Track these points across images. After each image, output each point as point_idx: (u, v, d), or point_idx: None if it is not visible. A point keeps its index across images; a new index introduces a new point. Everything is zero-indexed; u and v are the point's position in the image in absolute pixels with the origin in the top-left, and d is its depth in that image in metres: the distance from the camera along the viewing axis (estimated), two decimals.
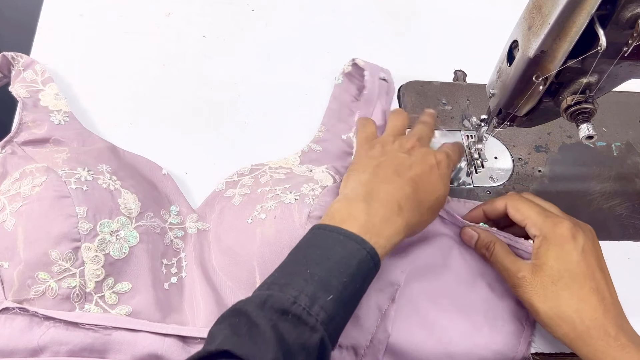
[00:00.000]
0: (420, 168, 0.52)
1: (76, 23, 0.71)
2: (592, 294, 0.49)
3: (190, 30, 0.73)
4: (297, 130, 0.67)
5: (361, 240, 0.45)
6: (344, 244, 0.45)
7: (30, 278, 0.48)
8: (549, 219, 0.52)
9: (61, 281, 0.48)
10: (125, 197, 0.53)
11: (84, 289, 0.49)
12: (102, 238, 0.50)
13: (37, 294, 0.48)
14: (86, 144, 0.59)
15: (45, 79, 0.62)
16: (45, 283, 0.48)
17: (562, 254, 0.50)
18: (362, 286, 0.45)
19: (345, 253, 0.44)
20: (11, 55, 0.63)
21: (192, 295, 0.53)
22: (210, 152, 0.64)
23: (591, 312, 0.48)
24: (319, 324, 0.41)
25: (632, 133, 0.72)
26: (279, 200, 0.53)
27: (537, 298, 0.50)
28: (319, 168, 0.59)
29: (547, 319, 0.50)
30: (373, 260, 0.45)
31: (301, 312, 0.41)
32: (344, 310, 0.43)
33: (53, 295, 0.48)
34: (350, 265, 0.44)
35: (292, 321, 0.40)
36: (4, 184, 0.54)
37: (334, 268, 0.43)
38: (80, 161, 0.54)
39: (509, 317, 0.55)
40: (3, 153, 0.57)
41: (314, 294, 0.41)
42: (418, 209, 0.50)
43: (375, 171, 0.51)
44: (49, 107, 0.60)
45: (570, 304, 0.49)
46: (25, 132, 0.58)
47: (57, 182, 0.50)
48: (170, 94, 0.67)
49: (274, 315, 0.40)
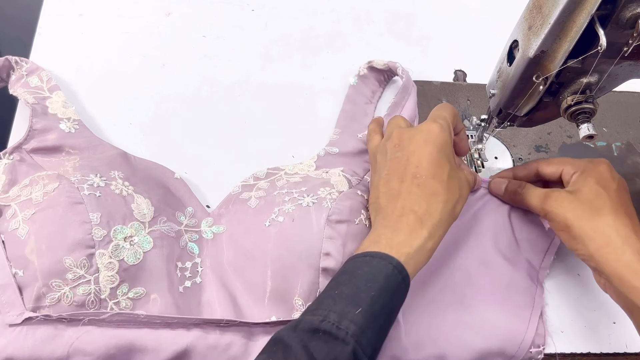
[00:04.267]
0: (416, 155, 0.50)
1: (76, 23, 0.71)
2: (626, 217, 0.51)
3: (190, 30, 0.73)
4: (297, 130, 0.67)
5: (386, 256, 0.45)
6: (369, 262, 0.45)
7: (45, 286, 0.48)
8: (588, 161, 0.55)
9: (76, 288, 0.48)
10: (138, 202, 0.53)
11: (98, 295, 0.49)
12: (116, 244, 0.50)
13: (52, 302, 0.48)
14: (97, 152, 0.59)
15: (51, 86, 0.62)
16: (60, 290, 0.48)
17: (601, 181, 0.52)
18: (392, 300, 0.44)
19: (371, 270, 0.44)
20: (15, 59, 0.62)
21: (210, 299, 0.54)
22: (210, 152, 0.64)
23: (625, 229, 0.50)
24: (349, 336, 0.41)
25: (632, 133, 0.72)
26: (297, 203, 0.53)
27: (572, 213, 0.51)
28: (334, 170, 0.59)
29: (581, 233, 0.51)
30: (401, 274, 0.45)
31: (330, 327, 0.41)
32: (375, 323, 0.43)
33: (68, 303, 0.48)
34: (378, 280, 0.44)
35: (322, 338, 0.40)
36: (12, 190, 0.53)
37: (361, 284, 0.43)
38: (92, 167, 0.54)
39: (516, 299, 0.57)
40: (11, 160, 0.56)
41: (342, 309, 0.42)
42: (436, 198, 0.49)
43: (385, 188, 0.51)
44: (58, 114, 0.60)
45: (607, 219, 0.50)
46: (34, 139, 0.58)
47: (69, 188, 0.50)
48: (170, 94, 0.67)
49: (305, 335, 0.41)
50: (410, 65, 0.69)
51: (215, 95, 0.68)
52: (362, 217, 0.53)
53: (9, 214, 0.50)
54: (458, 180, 0.52)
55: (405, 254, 0.46)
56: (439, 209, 0.49)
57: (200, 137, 0.65)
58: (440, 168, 0.50)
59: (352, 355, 0.40)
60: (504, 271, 0.58)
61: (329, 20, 0.76)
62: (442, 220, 0.49)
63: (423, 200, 0.48)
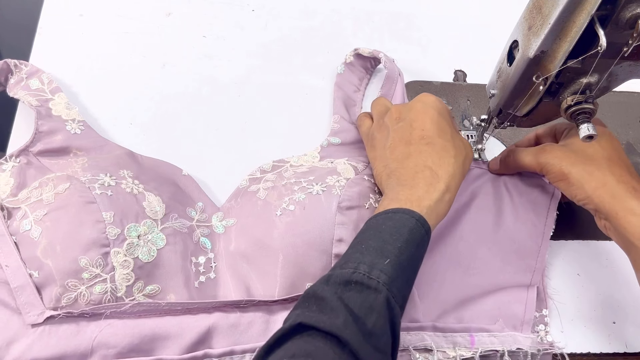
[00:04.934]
0: (419, 121, 0.53)
1: (76, 23, 0.71)
2: (620, 163, 0.53)
3: (190, 30, 0.73)
4: (297, 130, 0.67)
5: (408, 210, 0.47)
6: (392, 217, 0.47)
7: (62, 286, 0.48)
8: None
9: (92, 287, 0.49)
10: (150, 200, 0.53)
11: (115, 293, 0.49)
12: (130, 242, 0.50)
13: (69, 302, 0.48)
14: (103, 152, 0.59)
15: (53, 88, 0.61)
16: (76, 290, 0.48)
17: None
18: (417, 251, 0.46)
19: (395, 224, 0.46)
20: (14, 62, 0.62)
21: (225, 293, 0.54)
22: (210, 152, 0.64)
23: (620, 171, 0.52)
24: (381, 285, 0.42)
25: (632, 133, 0.72)
26: (307, 192, 0.54)
27: (567, 161, 0.54)
28: (339, 160, 0.60)
29: (578, 177, 0.53)
30: (424, 227, 0.47)
31: (362, 278, 0.42)
32: (403, 273, 0.45)
33: (85, 302, 0.49)
34: (402, 233, 0.45)
35: (355, 289, 0.42)
36: (21, 193, 0.53)
37: (387, 238, 0.45)
38: (101, 167, 0.54)
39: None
40: (18, 163, 0.56)
41: (371, 261, 0.44)
42: (446, 153, 0.52)
43: (393, 155, 0.53)
44: (62, 116, 0.60)
45: (600, 163, 0.52)
46: (41, 142, 0.58)
47: (81, 188, 0.51)
48: (170, 94, 0.67)
49: (338, 288, 0.42)
50: (410, 65, 0.69)
51: (215, 95, 0.68)
52: (371, 201, 0.54)
53: (18, 215, 0.51)
54: (461, 140, 0.55)
55: (426, 207, 0.48)
56: (451, 163, 0.51)
57: (200, 137, 0.65)
58: (443, 129, 0.53)
59: (385, 302, 0.42)
60: (507, 237, 0.59)
61: (329, 21, 0.76)
62: (456, 173, 0.51)
63: (435, 156, 0.51)
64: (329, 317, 0.40)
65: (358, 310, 0.41)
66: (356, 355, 0.39)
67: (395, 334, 0.43)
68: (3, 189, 0.53)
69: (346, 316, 0.40)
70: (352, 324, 0.40)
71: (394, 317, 0.42)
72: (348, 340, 0.39)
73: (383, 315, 0.42)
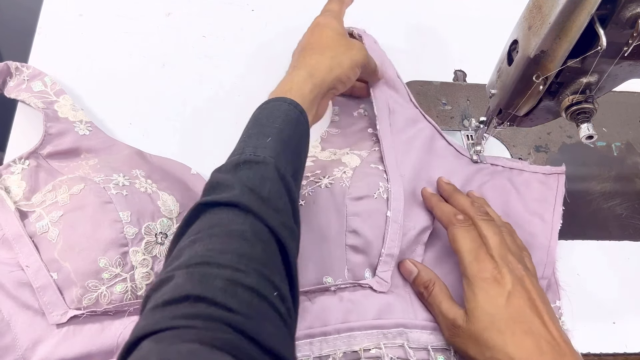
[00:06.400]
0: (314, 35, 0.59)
1: (76, 23, 0.71)
2: (525, 337, 0.47)
3: (190, 30, 0.73)
4: None
5: (279, 98, 0.51)
6: (266, 107, 0.50)
7: (82, 287, 0.48)
8: (475, 262, 0.51)
9: (113, 287, 0.49)
10: (164, 199, 0.53)
11: (135, 292, 0.50)
12: (148, 241, 0.50)
13: (90, 302, 0.48)
14: (112, 152, 0.59)
15: (57, 90, 0.61)
16: (97, 290, 0.48)
17: (489, 299, 0.49)
18: (296, 130, 0.49)
19: (270, 110, 0.50)
20: (15, 65, 0.61)
21: None
22: (209, 152, 0.64)
23: (526, 355, 0.46)
24: (268, 158, 0.45)
25: (632, 133, 0.72)
26: (315, 186, 0.55)
27: (472, 349, 0.49)
28: (341, 151, 0.60)
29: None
30: (297, 109, 0.50)
31: (249, 157, 0.46)
32: (287, 147, 0.47)
33: (107, 302, 0.49)
34: (278, 115, 0.49)
35: (245, 167, 0.45)
36: (35, 197, 0.53)
37: (265, 122, 0.49)
38: (114, 168, 0.54)
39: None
40: (27, 166, 0.55)
41: (254, 143, 0.47)
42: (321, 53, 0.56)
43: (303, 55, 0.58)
44: (69, 118, 0.59)
45: (506, 351, 0.47)
46: (50, 144, 0.57)
47: (96, 188, 0.51)
48: (170, 94, 0.67)
49: (231, 170, 0.45)
50: (410, 65, 0.69)
51: (215, 95, 0.68)
52: (380, 190, 0.54)
53: (33, 217, 0.51)
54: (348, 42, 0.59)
55: (294, 93, 0.51)
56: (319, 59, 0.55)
57: (200, 137, 0.65)
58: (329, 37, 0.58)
59: (275, 170, 0.45)
60: (517, 229, 0.59)
61: None
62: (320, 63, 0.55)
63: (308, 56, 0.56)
64: (227, 192, 0.43)
65: (252, 183, 0.44)
66: (259, 216, 0.42)
67: (293, 199, 0.46)
68: (16, 191, 0.53)
69: (242, 187, 0.43)
70: (249, 193, 0.43)
71: (287, 183, 0.45)
72: (247, 205, 0.42)
73: (276, 182, 0.45)
